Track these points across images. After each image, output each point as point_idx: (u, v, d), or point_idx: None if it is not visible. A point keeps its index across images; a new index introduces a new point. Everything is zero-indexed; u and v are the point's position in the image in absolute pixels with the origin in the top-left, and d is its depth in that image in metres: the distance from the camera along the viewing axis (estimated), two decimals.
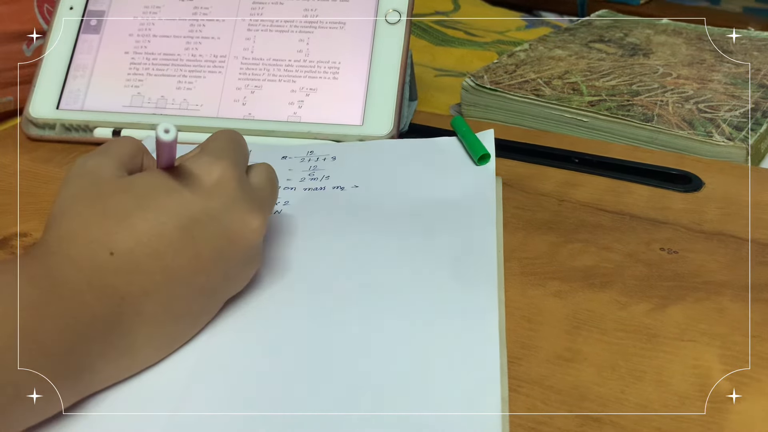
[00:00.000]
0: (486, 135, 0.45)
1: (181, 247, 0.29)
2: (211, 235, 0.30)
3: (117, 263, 0.27)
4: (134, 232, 0.28)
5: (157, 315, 0.28)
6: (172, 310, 0.29)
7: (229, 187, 0.31)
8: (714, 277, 0.36)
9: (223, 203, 0.30)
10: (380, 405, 0.27)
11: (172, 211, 0.29)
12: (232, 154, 0.32)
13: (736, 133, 0.48)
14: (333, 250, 0.37)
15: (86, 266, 0.27)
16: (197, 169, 0.31)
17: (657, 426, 0.27)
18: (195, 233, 0.29)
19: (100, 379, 0.28)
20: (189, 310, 0.30)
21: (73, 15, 0.55)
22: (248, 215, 0.31)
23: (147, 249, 0.28)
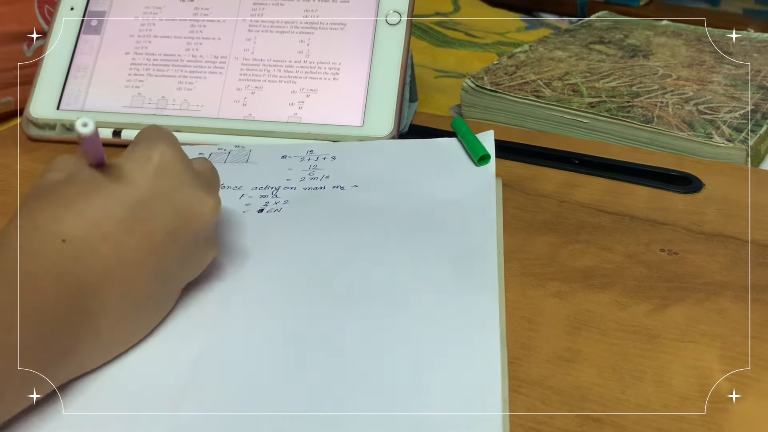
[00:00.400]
0: (486, 136, 0.45)
1: (132, 229, 0.29)
2: (161, 214, 0.30)
3: (70, 249, 0.27)
4: (83, 217, 0.28)
5: (116, 299, 0.29)
6: (129, 294, 0.29)
7: (174, 168, 0.31)
8: (714, 278, 0.36)
9: (171, 183, 0.31)
10: (380, 405, 0.27)
11: (119, 195, 0.29)
12: (166, 138, 0.32)
13: (736, 134, 0.49)
14: (333, 250, 0.37)
15: (40, 255, 0.27)
16: (136, 158, 0.31)
17: (657, 426, 0.27)
18: (144, 214, 0.29)
19: (71, 368, 0.28)
20: (147, 294, 0.30)
21: (73, 15, 0.55)
22: (199, 193, 0.31)
23: (98, 233, 0.28)
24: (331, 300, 0.33)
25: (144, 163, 0.30)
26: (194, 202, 0.31)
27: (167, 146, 0.31)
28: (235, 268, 0.35)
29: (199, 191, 0.31)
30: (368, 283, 0.34)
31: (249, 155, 0.47)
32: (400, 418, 0.27)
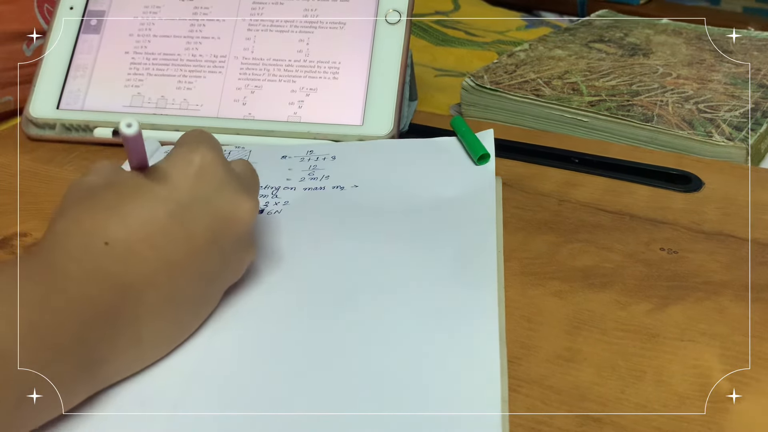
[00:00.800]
0: (486, 135, 0.45)
1: (174, 232, 0.29)
2: (202, 217, 0.30)
3: (113, 252, 0.28)
4: (125, 221, 0.28)
5: (159, 302, 0.29)
6: (172, 297, 0.29)
7: (213, 170, 0.31)
8: (714, 277, 0.36)
9: (211, 186, 0.31)
10: (380, 405, 0.27)
11: (161, 199, 0.29)
12: (207, 142, 0.32)
13: (736, 133, 0.48)
14: (333, 250, 0.37)
15: (84, 257, 0.27)
16: (177, 161, 0.31)
17: (657, 426, 0.27)
18: (186, 217, 0.30)
19: (111, 371, 0.28)
20: (189, 297, 0.30)
21: (73, 15, 0.55)
22: (239, 195, 0.32)
23: (140, 236, 0.28)
24: (331, 300, 0.33)
25: (185, 167, 0.31)
26: (233, 204, 0.31)
27: (208, 149, 0.32)
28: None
29: (237, 194, 0.32)
30: (368, 282, 0.34)
31: (249, 155, 0.47)
32: (399, 417, 0.27)
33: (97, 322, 0.27)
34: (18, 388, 0.24)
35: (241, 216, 0.31)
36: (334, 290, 0.34)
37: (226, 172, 0.32)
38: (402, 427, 0.26)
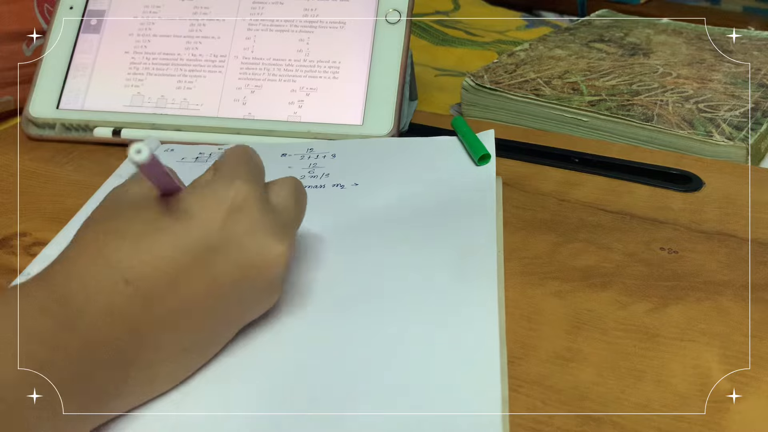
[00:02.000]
0: (486, 135, 0.45)
1: (198, 275, 0.27)
2: (229, 262, 0.28)
3: (132, 291, 0.26)
4: (149, 257, 0.27)
5: (174, 346, 0.28)
6: (187, 341, 0.28)
7: (248, 210, 0.29)
8: (714, 277, 0.36)
9: (243, 227, 0.29)
10: (381, 405, 0.27)
11: (190, 236, 0.27)
12: (247, 172, 0.30)
13: (736, 132, 0.48)
14: (332, 249, 0.37)
15: (101, 295, 0.26)
16: (213, 192, 0.29)
17: (657, 426, 0.27)
18: (212, 261, 0.28)
19: (118, 405, 0.27)
20: (204, 340, 0.29)
21: (73, 15, 0.55)
22: (270, 240, 0.29)
23: (162, 276, 0.27)
24: (330, 300, 0.33)
25: (218, 203, 0.29)
26: (265, 250, 0.29)
27: (244, 183, 0.29)
28: None
29: (270, 238, 0.29)
30: (367, 282, 0.34)
31: None
32: (400, 418, 0.27)
33: (109, 364, 0.26)
34: (24, 421, 0.23)
35: (271, 262, 0.29)
36: (334, 290, 0.34)
37: (262, 210, 0.29)
38: (402, 427, 0.26)
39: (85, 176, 0.48)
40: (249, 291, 0.29)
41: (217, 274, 0.28)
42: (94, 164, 0.49)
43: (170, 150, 0.49)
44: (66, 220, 0.40)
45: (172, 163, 0.47)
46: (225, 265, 0.28)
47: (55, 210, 0.43)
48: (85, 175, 0.48)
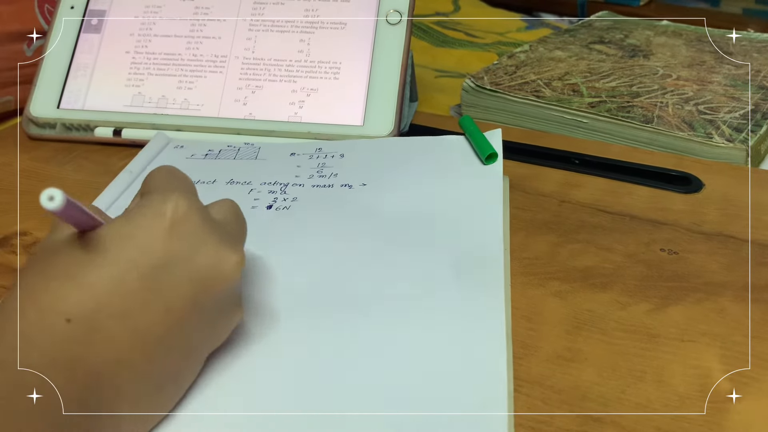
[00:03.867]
0: (493, 134, 0.45)
1: (148, 301, 0.25)
2: (180, 280, 0.26)
3: (76, 331, 0.23)
4: (89, 291, 0.24)
5: (135, 384, 0.25)
6: (149, 376, 0.25)
7: (190, 222, 0.26)
8: (714, 278, 0.36)
9: (188, 241, 0.26)
10: (386, 405, 0.27)
11: (128, 260, 0.25)
12: (181, 185, 0.28)
13: (736, 134, 0.49)
14: (340, 249, 0.37)
15: (43, 341, 0.23)
16: (145, 209, 0.26)
17: (657, 426, 0.27)
18: (161, 282, 0.25)
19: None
20: (170, 373, 0.26)
21: (73, 14, 0.55)
22: (221, 249, 0.27)
23: (108, 308, 0.24)
24: (337, 299, 0.33)
25: (155, 220, 0.26)
26: (216, 260, 0.27)
27: (180, 197, 0.27)
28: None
29: (220, 247, 0.27)
30: (375, 281, 0.34)
31: (258, 152, 0.47)
32: (404, 418, 0.27)
33: (69, 418, 0.23)
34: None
35: (225, 273, 0.27)
36: (341, 288, 0.34)
37: (205, 221, 0.27)
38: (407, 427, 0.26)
39: (86, 176, 0.48)
40: (209, 309, 0.27)
41: (170, 296, 0.25)
42: (94, 164, 0.49)
43: (180, 147, 0.49)
44: None
45: (181, 159, 0.47)
46: (177, 284, 0.26)
47: None
48: (85, 175, 0.48)
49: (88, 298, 0.24)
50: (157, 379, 0.26)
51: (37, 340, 0.23)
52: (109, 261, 0.25)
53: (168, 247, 0.26)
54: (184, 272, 0.26)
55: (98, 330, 0.24)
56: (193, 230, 0.26)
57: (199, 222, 0.27)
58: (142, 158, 0.47)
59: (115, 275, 0.24)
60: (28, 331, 0.23)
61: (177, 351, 0.26)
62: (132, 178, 0.45)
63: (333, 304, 0.33)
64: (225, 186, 0.43)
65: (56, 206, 0.22)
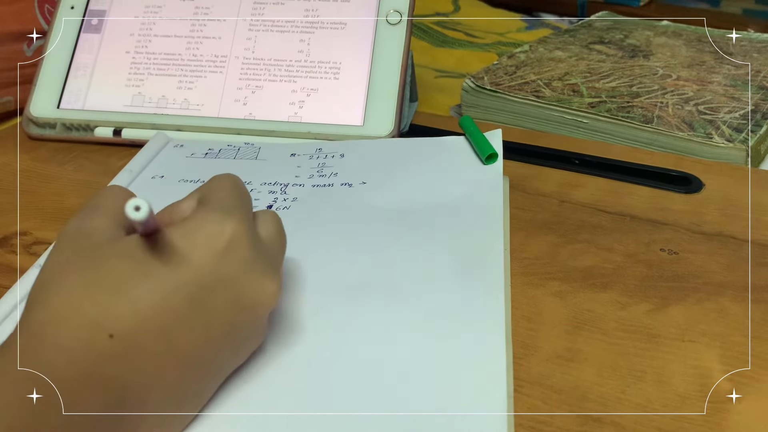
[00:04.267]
0: (493, 135, 0.45)
1: (191, 322, 0.25)
2: (224, 304, 0.26)
3: (117, 348, 0.23)
4: (136, 306, 0.24)
5: (163, 403, 0.25)
6: (178, 395, 0.25)
7: (242, 248, 0.26)
8: (714, 278, 0.36)
9: (237, 267, 0.26)
10: (384, 404, 0.27)
11: (181, 279, 0.25)
12: (241, 207, 0.28)
13: (736, 134, 0.49)
14: (340, 248, 0.37)
15: (82, 357, 0.23)
16: (203, 229, 0.26)
17: (657, 426, 0.27)
18: (206, 304, 0.25)
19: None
20: (194, 392, 0.26)
21: (73, 15, 0.55)
22: (264, 279, 0.27)
23: (152, 326, 0.24)
24: (337, 297, 0.33)
25: (213, 242, 0.26)
26: (259, 289, 0.27)
27: (240, 222, 0.26)
28: None
29: (264, 276, 0.27)
30: (375, 280, 0.34)
31: (258, 152, 0.47)
32: (404, 418, 0.27)
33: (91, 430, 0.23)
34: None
35: (264, 302, 0.27)
36: (341, 288, 0.34)
37: (255, 248, 0.27)
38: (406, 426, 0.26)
39: (86, 176, 0.48)
40: (242, 333, 0.27)
41: (211, 319, 0.25)
42: (94, 164, 0.49)
43: (179, 146, 0.49)
44: (66, 219, 0.40)
45: (180, 158, 0.47)
46: (219, 308, 0.26)
47: (56, 209, 0.43)
48: (85, 175, 0.48)
49: (133, 315, 0.23)
50: (183, 396, 0.26)
51: (76, 354, 0.23)
52: (162, 277, 0.24)
53: (218, 270, 0.25)
54: (228, 297, 0.26)
55: (138, 347, 0.23)
56: (243, 257, 0.26)
57: (250, 246, 0.27)
58: (141, 158, 0.47)
59: (164, 292, 0.24)
60: (68, 343, 0.23)
61: (207, 371, 0.26)
62: (132, 177, 0.45)
63: (332, 304, 0.33)
64: None
65: (142, 217, 0.23)
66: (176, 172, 0.45)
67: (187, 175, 0.45)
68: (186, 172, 0.45)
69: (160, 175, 0.45)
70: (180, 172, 0.45)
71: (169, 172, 0.45)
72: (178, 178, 0.44)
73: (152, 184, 0.44)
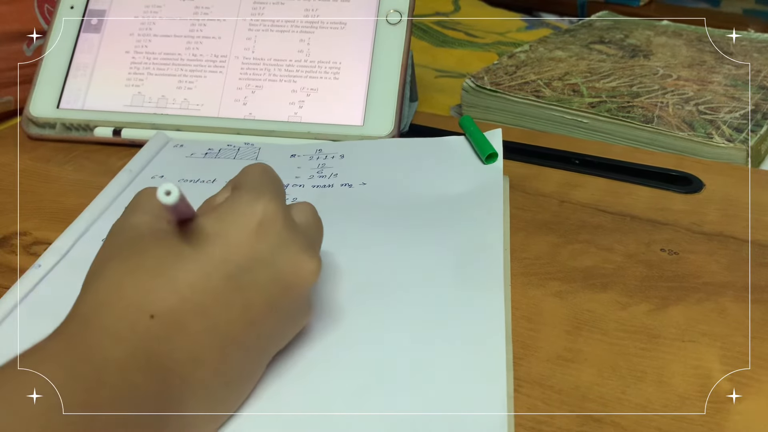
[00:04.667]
0: (493, 134, 0.45)
1: (230, 300, 0.25)
2: (262, 282, 0.26)
3: (159, 327, 0.24)
4: (175, 286, 0.24)
5: (207, 383, 0.25)
6: (223, 375, 0.26)
7: (276, 226, 0.27)
8: (714, 278, 0.36)
9: (272, 244, 0.27)
10: (386, 405, 0.27)
11: (217, 258, 0.25)
12: (272, 187, 0.29)
13: (736, 134, 0.49)
14: (340, 248, 0.37)
15: (126, 337, 0.23)
16: (237, 210, 0.27)
17: (657, 426, 0.27)
18: (244, 282, 0.26)
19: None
20: (240, 372, 0.27)
21: (73, 14, 0.55)
22: (302, 255, 0.27)
23: (191, 305, 0.24)
24: (336, 298, 0.33)
25: (245, 220, 0.27)
26: (296, 266, 0.27)
27: (270, 200, 0.27)
28: None
29: (301, 253, 0.27)
30: (375, 280, 0.34)
31: (258, 153, 0.47)
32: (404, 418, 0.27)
33: (139, 417, 0.23)
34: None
35: (303, 278, 0.27)
36: (340, 288, 0.34)
37: (289, 226, 0.28)
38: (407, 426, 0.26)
39: (86, 176, 0.48)
40: (283, 311, 0.27)
41: (250, 297, 0.26)
42: (94, 164, 0.49)
43: (179, 146, 0.49)
44: (66, 219, 0.40)
45: (180, 158, 0.47)
46: (258, 286, 0.26)
47: (55, 209, 0.43)
48: (85, 175, 0.48)
49: (172, 293, 0.24)
50: (228, 377, 0.26)
51: (120, 334, 0.23)
52: (198, 257, 0.25)
53: (254, 248, 0.26)
54: (266, 274, 0.26)
55: (179, 326, 0.24)
56: (279, 232, 0.27)
57: (285, 226, 0.27)
58: (141, 157, 0.47)
59: (201, 272, 0.25)
60: (112, 325, 0.24)
61: (249, 351, 0.26)
62: (131, 177, 0.45)
63: (331, 303, 0.33)
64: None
65: (173, 201, 0.23)
66: (176, 172, 0.45)
67: (187, 175, 0.45)
68: (186, 172, 0.45)
69: (160, 175, 0.45)
70: (180, 172, 0.45)
71: (169, 172, 0.45)
72: (178, 178, 0.44)
73: (152, 184, 0.44)
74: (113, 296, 0.24)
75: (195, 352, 0.25)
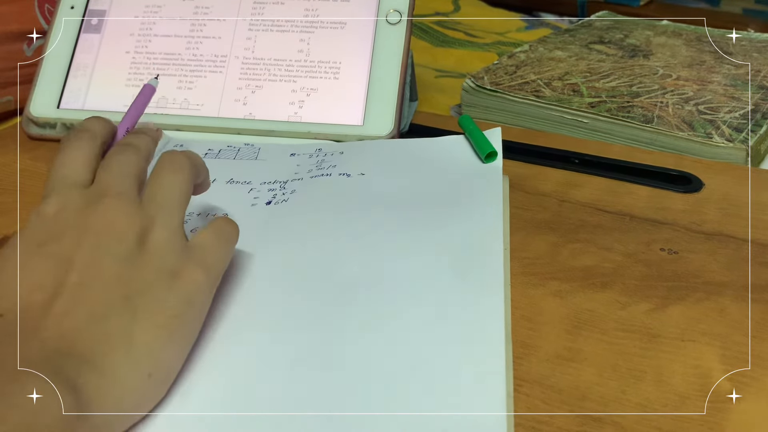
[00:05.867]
0: (493, 133, 0.45)
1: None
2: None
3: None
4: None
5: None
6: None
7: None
8: (714, 278, 0.36)
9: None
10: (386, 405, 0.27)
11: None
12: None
13: (736, 134, 0.49)
14: (338, 244, 0.37)
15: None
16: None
17: (657, 426, 0.27)
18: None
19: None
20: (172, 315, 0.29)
21: (73, 14, 0.55)
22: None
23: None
24: (335, 295, 0.33)
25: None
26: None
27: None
28: (242, 260, 0.35)
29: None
30: (373, 278, 0.34)
31: (258, 153, 0.47)
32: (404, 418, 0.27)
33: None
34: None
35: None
36: (337, 283, 0.34)
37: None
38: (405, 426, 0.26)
39: None
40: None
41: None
42: None
43: (179, 146, 0.49)
44: None
45: None
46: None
47: None
48: None
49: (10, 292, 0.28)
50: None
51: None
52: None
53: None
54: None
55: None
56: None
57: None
58: None
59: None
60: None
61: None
62: None
63: (331, 304, 0.33)
64: (225, 185, 0.43)
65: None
66: None
67: None
68: None
69: None
70: None
71: None
72: None
73: None
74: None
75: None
